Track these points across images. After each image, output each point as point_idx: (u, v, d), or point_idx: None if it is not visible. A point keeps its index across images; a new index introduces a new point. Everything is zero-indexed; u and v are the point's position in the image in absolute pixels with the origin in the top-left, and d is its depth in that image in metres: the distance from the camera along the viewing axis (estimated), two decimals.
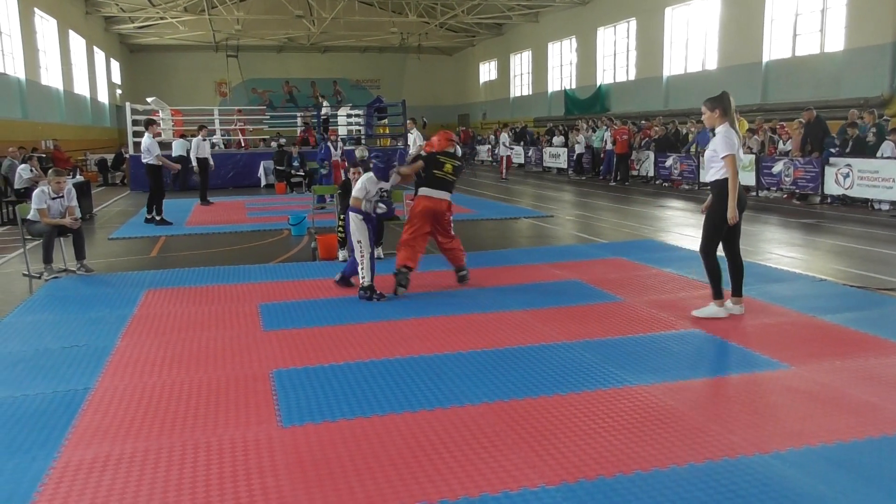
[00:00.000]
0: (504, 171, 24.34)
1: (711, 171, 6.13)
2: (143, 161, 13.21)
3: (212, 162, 16.73)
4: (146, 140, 13.04)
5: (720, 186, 6.02)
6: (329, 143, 17.29)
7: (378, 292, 7.06)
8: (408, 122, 17.95)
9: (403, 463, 3.61)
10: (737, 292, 6.34)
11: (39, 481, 3.47)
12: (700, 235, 6.30)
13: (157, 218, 13.07)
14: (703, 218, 6.33)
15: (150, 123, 13.57)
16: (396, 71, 46.95)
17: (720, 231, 6.13)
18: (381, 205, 7.32)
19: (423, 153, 7.88)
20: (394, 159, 7.54)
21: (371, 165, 7.34)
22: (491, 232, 11.83)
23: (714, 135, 6.18)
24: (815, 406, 4.27)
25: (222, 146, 24.50)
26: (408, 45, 41.83)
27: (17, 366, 5.24)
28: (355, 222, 7.12)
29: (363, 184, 7.19)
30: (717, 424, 4.01)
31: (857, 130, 14.52)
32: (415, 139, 16.82)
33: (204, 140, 16.33)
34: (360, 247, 7.07)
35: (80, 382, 4.86)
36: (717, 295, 6.25)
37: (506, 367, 5.05)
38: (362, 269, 7.06)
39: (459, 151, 7.94)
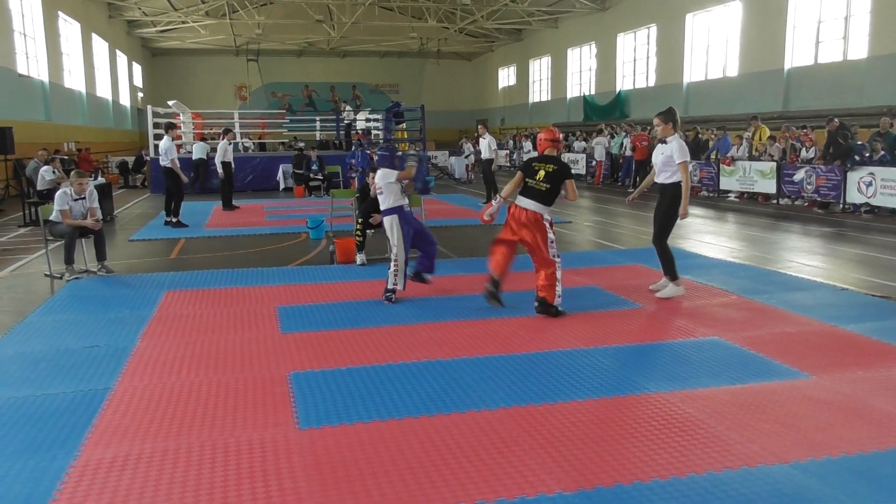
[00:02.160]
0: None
1: (664, 176, 7.23)
2: (161, 164, 13.29)
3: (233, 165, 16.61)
4: (165, 143, 13.11)
5: (675, 189, 7.14)
6: (360, 149, 17.31)
7: (392, 294, 7.16)
8: (479, 127, 18.10)
9: (420, 467, 3.61)
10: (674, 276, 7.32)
11: (59, 480, 3.50)
12: (655, 229, 7.35)
13: (174, 220, 13.13)
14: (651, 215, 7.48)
15: (170, 127, 13.66)
16: (415, 76, 47.12)
17: (672, 226, 7.32)
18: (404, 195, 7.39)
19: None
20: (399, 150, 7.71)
21: (377, 158, 7.49)
22: None
23: (666, 143, 7.20)
24: (836, 416, 4.22)
25: (243, 149, 24.63)
26: (427, 50, 41.96)
27: (38, 365, 5.29)
28: (387, 222, 7.30)
29: (377, 181, 7.38)
30: (736, 433, 3.98)
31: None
32: (489, 143, 16.96)
33: (229, 144, 16.22)
34: (395, 250, 7.20)
35: (100, 382, 4.90)
36: (674, 276, 7.28)
37: (523, 372, 5.04)
38: (394, 272, 7.13)
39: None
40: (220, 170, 15.75)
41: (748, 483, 3.42)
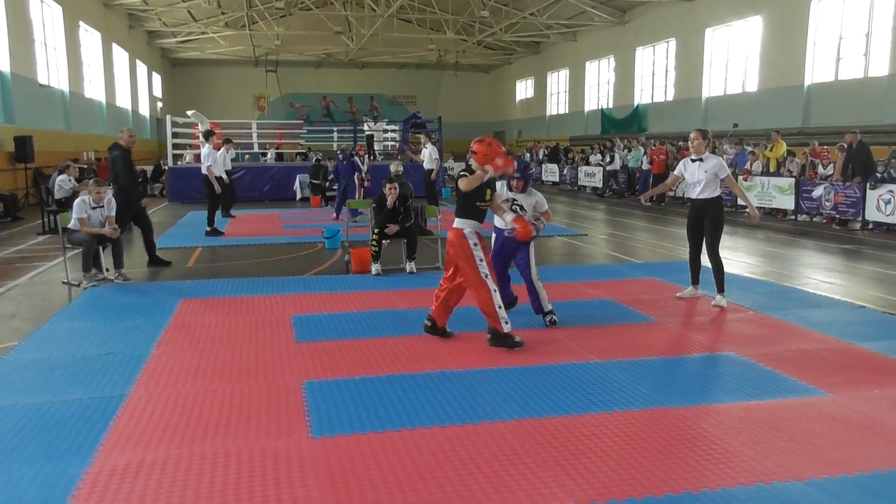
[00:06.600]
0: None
1: (708, 191, 7.69)
2: (202, 171, 13.31)
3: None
4: (205, 150, 13.10)
5: (719, 203, 7.72)
6: (356, 159, 17.35)
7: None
8: (423, 136, 17.65)
9: (432, 477, 3.60)
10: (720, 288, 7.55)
11: (74, 486, 3.52)
12: (711, 240, 7.78)
13: (209, 228, 13.14)
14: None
15: (209, 135, 13.68)
16: (433, 87, 47.33)
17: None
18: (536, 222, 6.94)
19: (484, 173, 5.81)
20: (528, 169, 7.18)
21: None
22: None
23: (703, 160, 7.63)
24: (852, 434, 4.18)
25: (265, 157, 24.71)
26: (445, 62, 42.09)
27: (54, 371, 5.34)
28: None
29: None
30: (750, 449, 3.95)
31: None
32: (430, 153, 16.59)
33: (227, 152, 16.17)
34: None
35: (115, 389, 4.94)
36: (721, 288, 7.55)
37: (537, 384, 5.03)
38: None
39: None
40: (224, 178, 15.81)
41: (762, 500, 3.39)
